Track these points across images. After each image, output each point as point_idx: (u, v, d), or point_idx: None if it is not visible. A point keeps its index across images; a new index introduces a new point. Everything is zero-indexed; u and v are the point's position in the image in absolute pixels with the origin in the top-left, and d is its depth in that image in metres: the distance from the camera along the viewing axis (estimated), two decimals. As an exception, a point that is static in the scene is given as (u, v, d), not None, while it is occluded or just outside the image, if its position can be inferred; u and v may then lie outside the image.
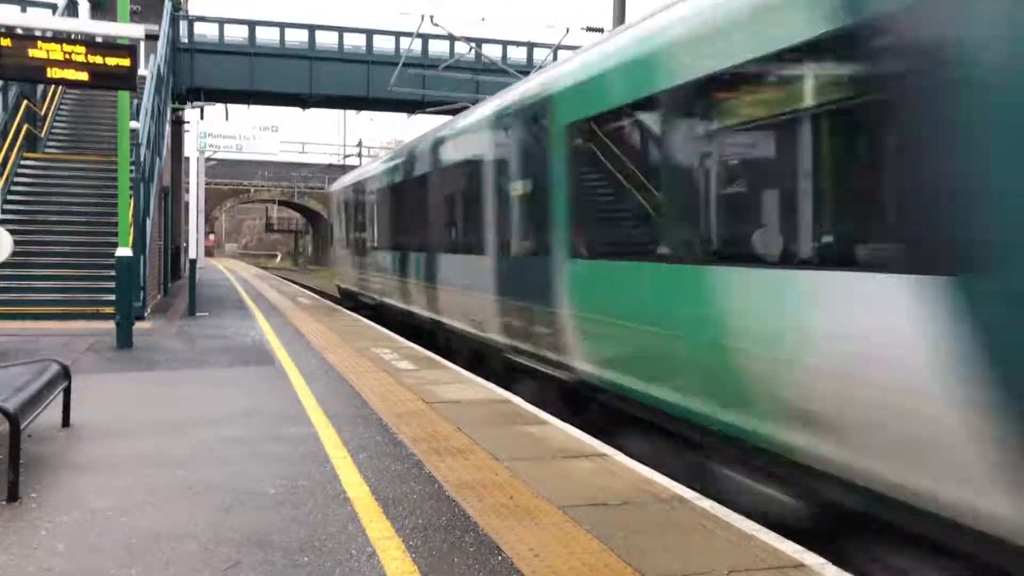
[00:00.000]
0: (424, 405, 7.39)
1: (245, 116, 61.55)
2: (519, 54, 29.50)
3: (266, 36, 28.95)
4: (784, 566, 3.78)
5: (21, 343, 10.98)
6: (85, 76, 9.78)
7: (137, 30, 10.58)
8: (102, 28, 10.78)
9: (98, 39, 10.24)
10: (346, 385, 8.39)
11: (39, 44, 9.73)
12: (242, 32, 28.77)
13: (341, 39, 29.48)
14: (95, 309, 14.00)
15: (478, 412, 7.12)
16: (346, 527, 4.25)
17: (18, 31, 10.18)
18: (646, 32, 6.17)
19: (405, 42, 27.41)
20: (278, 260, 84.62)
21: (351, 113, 43.17)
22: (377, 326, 14.76)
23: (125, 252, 11.60)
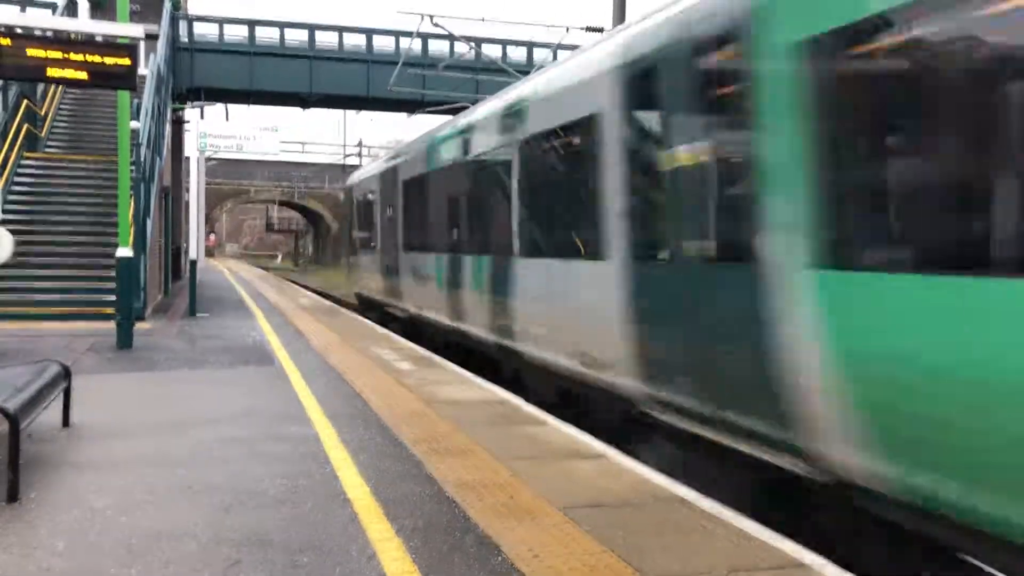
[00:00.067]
0: (424, 405, 7.39)
1: (245, 116, 61.60)
2: (519, 54, 29.52)
3: (266, 36, 28.99)
4: (784, 566, 3.78)
5: (21, 343, 10.99)
6: (85, 75, 9.79)
7: (137, 30, 10.58)
8: (102, 28, 10.79)
9: (98, 39, 10.26)
10: (346, 385, 8.39)
11: (39, 44, 9.74)
12: (242, 32, 28.83)
13: (341, 39, 29.52)
14: (95, 309, 13.99)
15: (478, 412, 7.12)
16: (346, 527, 4.25)
17: (18, 31, 10.18)
18: None
19: (405, 42, 27.43)
20: (279, 260, 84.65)
21: (351, 113, 43.16)
22: (378, 327, 14.75)
23: (125, 252, 11.60)
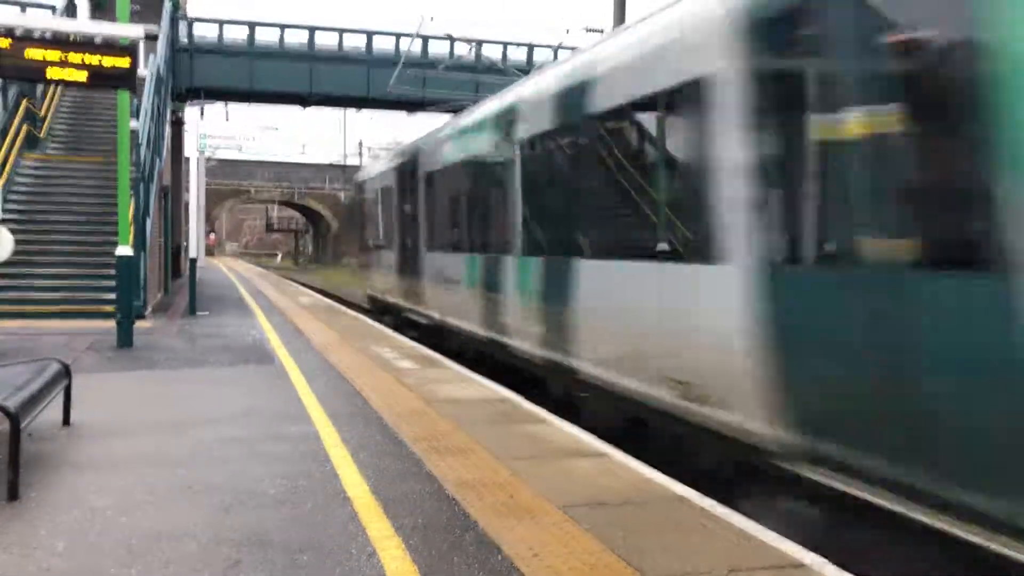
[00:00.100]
0: (424, 404, 7.39)
1: (245, 116, 61.58)
2: (519, 54, 29.54)
3: (266, 36, 29.03)
4: (784, 566, 3.78)
5: (21, 342, 10.98)
6: (84, 76, 9.80)
7: (137, 30, 10.58)
8: (102, 28, 10.78)
9: (98, 39, 10.25)
10: (346, 384, 8.39)
11: (39, 44, 9.74)
12: (242, 33, 28.86)
13: (341, 39, 29.55)
14: (95, 308, 13.99)
15: (478, 411, 7.12)
16: (346, 526, 4.25)
17: (18, 32, 10.18)
18: None
19: (405, 42, 27.47)
20: (279, 260, 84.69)
21: (351, 113, 43.21)
22: (378, 325, 14.75)
23: (125, 251, 11.60)
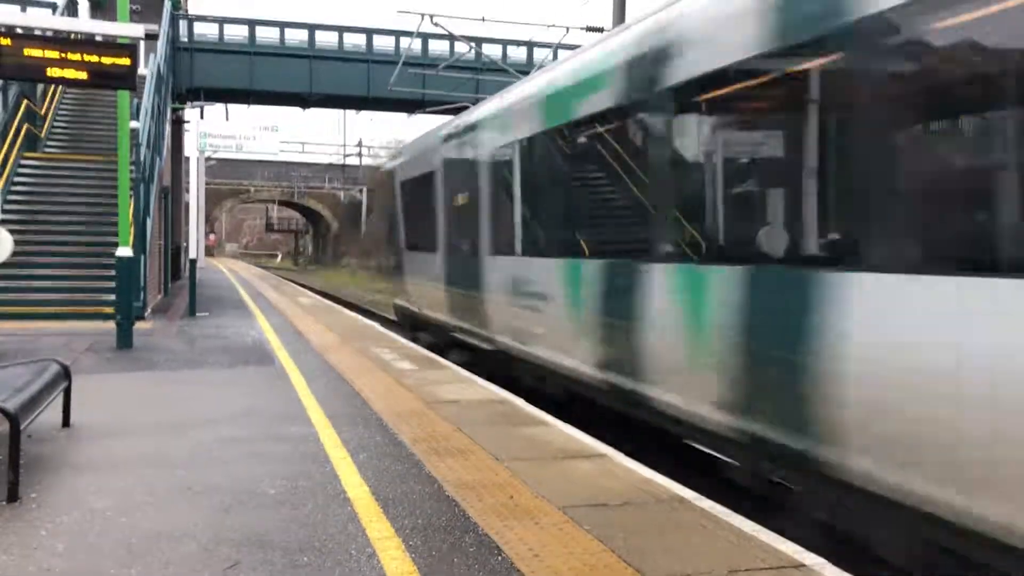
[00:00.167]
0: (424, 405, 7.39)
1: (245, 116, 61.63)
2: (519, 54, 29.52)
3: (266, 36, 29.00)
4: (784, 566, 3.78)
5: (21, 343, 10.98)
6: (85, 75, 9.78)
7: (137, 29, 10.58)
8: (102, 28, 10.80)
9: (98, 38, 10.26)
10: (346, 385, 8.39)
11: (39, 43, 9.74)
12: (242, 32, 28.85)
13: (341, 39, 29.54)
14: (95, 309, 13.99)
15: (478, 412, 7.12)
16: (346, 527, 4.25)
17: (18, 30, 10.18)
18: None
19: (405, 42, 27.44)
20: (278, 260, 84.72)
21: (351, 113, 43.20)
22: (378, 326, 14.75)
23: (125, 252, 11.60)
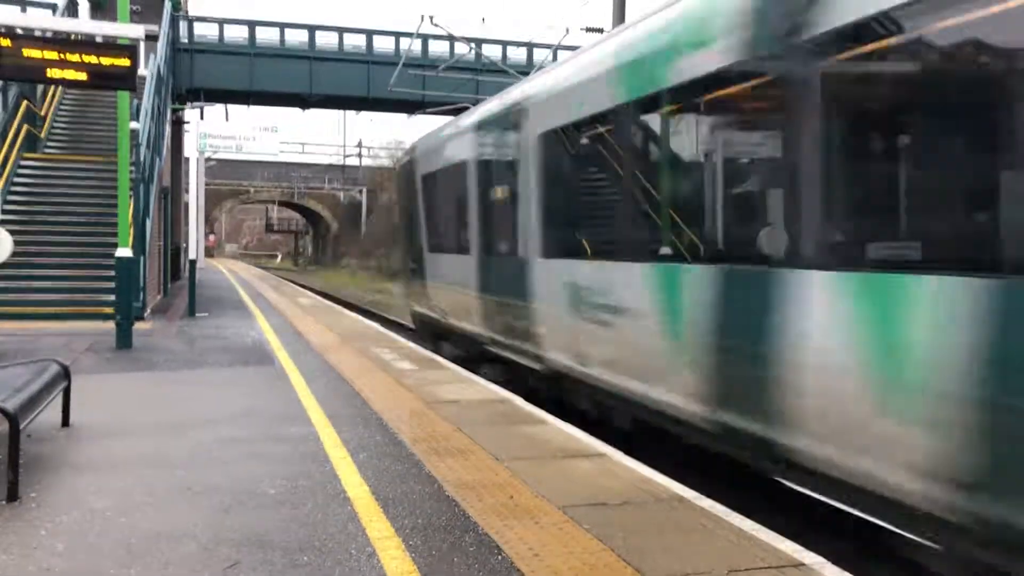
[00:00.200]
0: (424, 405, 7.39)
1: (245, 116, 61.60)
2: (519, 54, 29.53)
3: (266, 36, 29.01)
4: (784, 565, 3.78)
5: (21, 343, 10.98)
6: (85, 76, 9.78)
7: (137, 30, 10.58)
8: (102, 28, 10.80)
9: (98, 39, 10.26)
10: (346, 385, 8.39)
11: (39, 44, 9.74)
12: (242, 32, 28.85)
13: (341, 39, 29.55)
14: (95, 309, 13.98)
15: (478, 412, 7.12)
16: (346, 527, 4.25)
17: (18, 31, 10.18)
18: None
19: (405, 42, 27.45)
20: (278, 261, 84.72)
21: (351, 113, 43.21)
22: (378, 326, 14.74)
23: (125, 252, 11.60)
